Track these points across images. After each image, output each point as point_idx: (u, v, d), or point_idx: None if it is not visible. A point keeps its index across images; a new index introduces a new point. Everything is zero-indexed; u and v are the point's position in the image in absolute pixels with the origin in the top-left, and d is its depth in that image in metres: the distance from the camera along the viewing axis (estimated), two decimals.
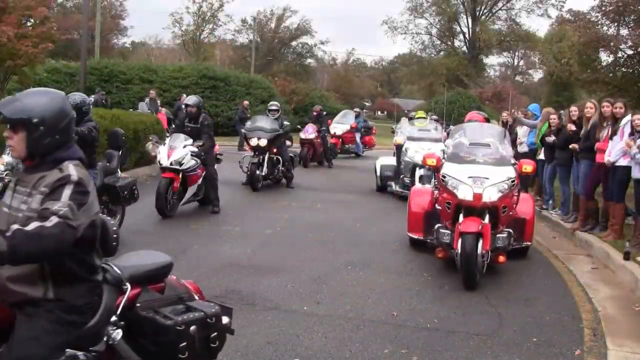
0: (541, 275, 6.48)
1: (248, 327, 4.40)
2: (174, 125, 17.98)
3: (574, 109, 8.76)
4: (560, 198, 9.34)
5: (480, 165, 6.07)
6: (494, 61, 69.41)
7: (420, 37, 47.99)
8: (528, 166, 6.15)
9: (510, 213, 6.08)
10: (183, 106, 20.79)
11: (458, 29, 46.88)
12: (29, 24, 14.32)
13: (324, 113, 18.06)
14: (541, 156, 9.82)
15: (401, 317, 4.73)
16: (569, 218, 8.72)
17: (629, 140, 6.85)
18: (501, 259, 6.00)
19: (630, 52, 15.30)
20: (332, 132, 17.89)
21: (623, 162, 7.06)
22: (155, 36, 59.77)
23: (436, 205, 6.36)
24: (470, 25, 45.80)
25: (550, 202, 9.69)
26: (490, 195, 5.71)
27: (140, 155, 12.05)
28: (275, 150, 11.19)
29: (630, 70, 15.71)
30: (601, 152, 7.51)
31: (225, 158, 10.81)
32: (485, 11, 46.38)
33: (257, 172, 10.86)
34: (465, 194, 5.73)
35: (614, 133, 7.25)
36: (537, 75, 55.00)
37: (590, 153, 7.79)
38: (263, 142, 10.80)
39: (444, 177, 5.99)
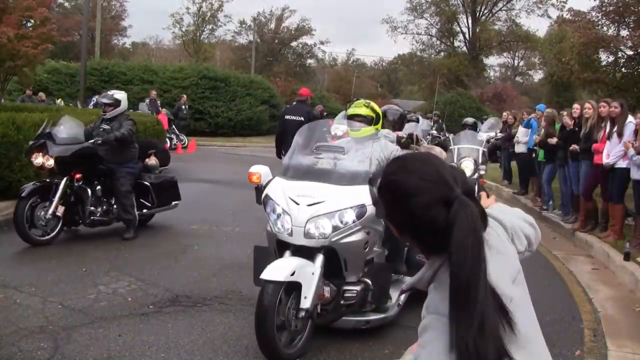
0: (541, 275, 6.47)
1: (248, 327, 4.39)
2: (173, 126, 18.24)
3: (576, 106, 8.73)
4: (560, 198, 9.35)
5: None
6: (494, 62, 69.46)
7: (420, 37, 48.04)
8: None
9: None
10: (182, 106, 20.72)
11: (458, 29, 46.92)
12: (29, 24, 14.33)
13: (325, 114, 18.06)
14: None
15: (402, 317, 4.72)
16: (569, 219, 8.72)
17: (628, 141, 6.86)
18: None
19: (630, 52, 15.31)
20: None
21: (622, 163, 7.07)
22: (156, 37, 59.97)
23: None
24: (470, 26, 45.80)
25: (551, 202, 9.70)
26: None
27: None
28: (78, 175, 6.65)
29: (630, 71, 15.71)
30: (598, 153, 7.52)
31: (229, 159, 10.82)
32: (485, 11, 46.38)
33: (40, 211, 6.38)
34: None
35: (611, 134, 7.25)
36: (537, 75, 55.02)
37: (590, 153, 7.80)
38: (50, 162, 6.44)
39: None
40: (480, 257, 1.28)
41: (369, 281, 4.11)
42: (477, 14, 45.54)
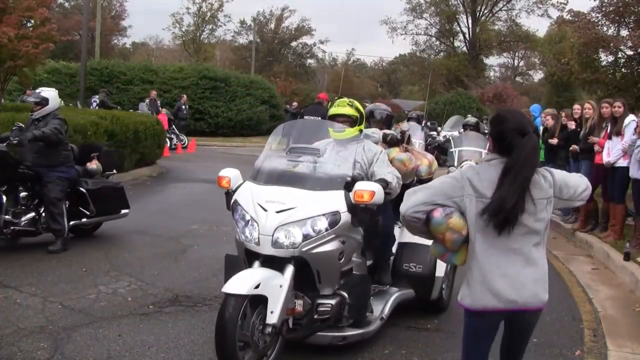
0: None
1: None
2: (173, 126, 18.24)
3: (577, 107, 8.71)
4: None
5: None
6: (494, 62, 69.48)
7: (420, 37, 48.04)
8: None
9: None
10: (182, 106, 20.69)
11: (458, 29, 46.92)
12: (29, 24, 14.32)
13: None
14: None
15: (402, 317, 4.72)
16: (569, 219, 8.73)
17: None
18: None
19: (630, 52, 15.29)
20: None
21: (623, 163, 7.06)
22: (156, 37, 60.03)
23: None
24: (470, 26, 45.80)
25: None
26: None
27: (140, 156, 12.05)
28: None
29: (630, 71, 15.69)
30: (600, 149, 7.51)
31: (229, 159, 10.79)
32: (485, 11, 46.38)
33: None
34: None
35: (613, 133, 7.25)
36: (537, 75, 55.04)
37: (590, 153, 7.80)
38: None
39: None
40: (527, 164, 2.50)
41: (345, 294, 3.84)
42: (477, 14, 45.53)
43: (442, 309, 4.92)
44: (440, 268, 4.70)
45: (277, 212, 3.67)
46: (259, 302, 3.48)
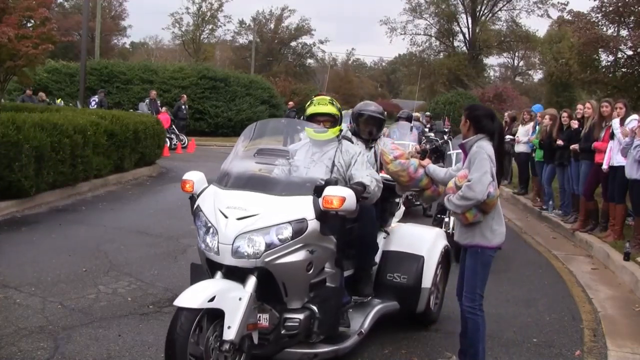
0: (541, 275, 6.49)
1: None
2: (173, 126, 18.25)
3: (580, 107, 8.69)
4: (560, 198, 9.35)
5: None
6: (494, 62, 69.48)
7: (419, 37, 48.02)
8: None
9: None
10: (182, 106, 20.83)
11: (457, 29, 46.93)
12: (29, 24, 14.33)
13: None
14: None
15: (401, 317, 4.72)
16: (569, 219, 8.72)
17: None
18: None
19: (630, 52, 15.30)
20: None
21: (623, 162, 7.06)
22: (155, 37, 60.06)
23: None
24: (470, 26, 45.80)
25: (551, 202, 9.70)
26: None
27: (140, 156, 12.05)
28: None
29: (630, 71, 15.70)
30: (600, 152, 7.52)
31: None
32: (485, 11, 46.38)
33: None
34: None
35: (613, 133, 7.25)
36: (537, 75, 55.02)
37: (590, 153, 7.80)
38: None
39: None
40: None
41: (314, 308, 3.52)
42: (477, 14, 45.52)
43: (431, 322, 4.66)
44: (427, 279, 4.40)
45: (238, 219, 3.39)
46: (216, 315, 3.18)
